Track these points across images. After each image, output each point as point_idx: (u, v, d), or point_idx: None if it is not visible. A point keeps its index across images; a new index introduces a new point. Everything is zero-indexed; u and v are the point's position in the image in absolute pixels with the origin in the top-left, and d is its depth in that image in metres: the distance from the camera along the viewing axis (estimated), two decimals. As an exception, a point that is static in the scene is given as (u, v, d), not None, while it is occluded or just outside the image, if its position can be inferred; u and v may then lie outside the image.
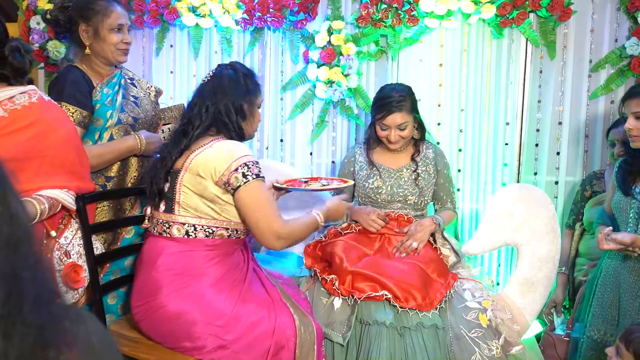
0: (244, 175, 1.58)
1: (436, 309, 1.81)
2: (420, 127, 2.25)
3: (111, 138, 1.98)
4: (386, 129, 2.17)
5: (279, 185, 1.92)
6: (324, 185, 2.00)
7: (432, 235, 2.11)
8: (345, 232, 2.16)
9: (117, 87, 2.03)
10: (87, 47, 1.97)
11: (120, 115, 2.00)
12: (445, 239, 2.12)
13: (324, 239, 2.15)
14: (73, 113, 1.88)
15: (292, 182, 2.00)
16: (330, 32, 2.66)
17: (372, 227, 2.11)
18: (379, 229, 2.11)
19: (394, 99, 2.14)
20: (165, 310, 1.56)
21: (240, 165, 1.58)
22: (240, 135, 1.74)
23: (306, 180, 2.05)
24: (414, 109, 2.18)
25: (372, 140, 2.29)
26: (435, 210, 2.34)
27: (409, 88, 2.23)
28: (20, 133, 1.50)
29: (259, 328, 1.56)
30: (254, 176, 1.59)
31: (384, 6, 2.62)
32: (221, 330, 1.53)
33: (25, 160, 1.51)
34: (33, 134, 1.53)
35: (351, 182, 2.05)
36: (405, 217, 2.19)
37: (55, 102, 1.86)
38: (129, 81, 2.12)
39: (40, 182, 1.54)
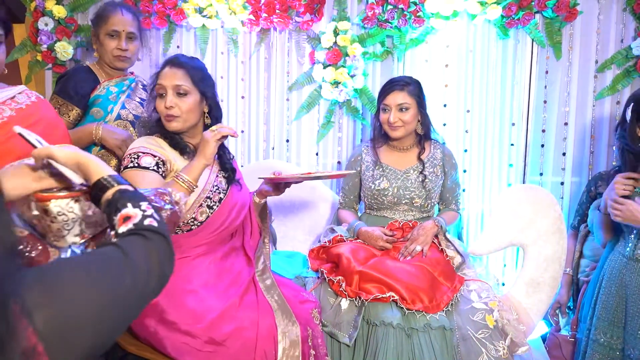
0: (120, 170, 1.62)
1: (443, 311, 1.81)
2: (424, 122, 2.24)
3: None
4: (387, 110, 2.17)
5: (263, 177, 1.86)
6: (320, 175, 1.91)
7: (436, 236, 2.11)
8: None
9: (125, 87, 2.11)
10: (96, 50, 2.11)
11: (120, 111, 2.07)
12: (448, 240, 2.12)
13: (327, 244, 2.13)
14: (61, 106, 2.01)
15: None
16: (336, 32, 2.67)
17: (380, 248, 2.09)
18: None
19: (399, 80, 2.20)
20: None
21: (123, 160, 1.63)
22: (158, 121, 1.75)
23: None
24: (418, 96, 2.18)
25: (377, 135, 2.29)
26: (439, 210, 2.35)
27: (417, 80, 2.26)
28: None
29: (241, 331, 1.53)
30: (123, 169, 1.60)
31: (389, 7, 2.62)
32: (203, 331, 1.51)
33: None
34: (40, 132, 1.56)
35: (352, 171, 2.06)
36: (410, 224, 2.18)
37: (52, 96, 2.03)
38: (140, 86, 2.20)
39: None
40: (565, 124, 2.72)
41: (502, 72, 2.72)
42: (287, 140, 2.87)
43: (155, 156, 1.61)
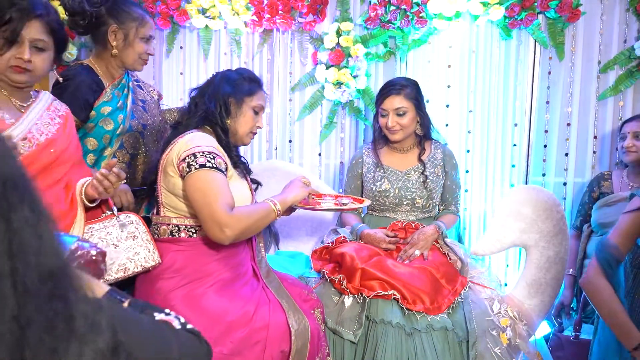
0: (189, 165, 1.50)
1: (444, 312, 1.81)
2: (423, 123, 2.23)
3: (121, 145, 1.97)
4: (385, 114, 2.17)
5: (299, 206, 1.79)
6: (336, 205, 1.88)
7: (436, 241, 2.11)
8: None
9: (126, 89, 2.02)
10: (114, 48, 1.93)
11: (131, 122, 1.98)
12: (448, 245, 2.11)
13: (330, 245, 2.13)
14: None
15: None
16: (339, 33, 2.67)
17: (384, 250, 2.09)
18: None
19: (395, 83, 2.18)
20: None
21: (188, 155, 1.51)
22: (225, 131, 1.69)
23: (312, 197, 1.88)
24: (415, 99, 2.17)
25: (378, 137, 2.29)
26: (439, 211, 2.34)
27: (414, 81, 2.24)
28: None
29: (252, 327, 1.53)
30: (198, 166, 1.49)
31: (392, 8, 2.63)
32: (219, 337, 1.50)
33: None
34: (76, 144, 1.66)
35: (367, 202, 1.99)
36: (413, 225, 2.18)
37: None
38: (135, 83, 2.11)
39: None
40: (568, 124, 2.72)
41: (505, 72, 2.72)
42: (290, 141, 2.88)
43: (224, 161, 1.60)
